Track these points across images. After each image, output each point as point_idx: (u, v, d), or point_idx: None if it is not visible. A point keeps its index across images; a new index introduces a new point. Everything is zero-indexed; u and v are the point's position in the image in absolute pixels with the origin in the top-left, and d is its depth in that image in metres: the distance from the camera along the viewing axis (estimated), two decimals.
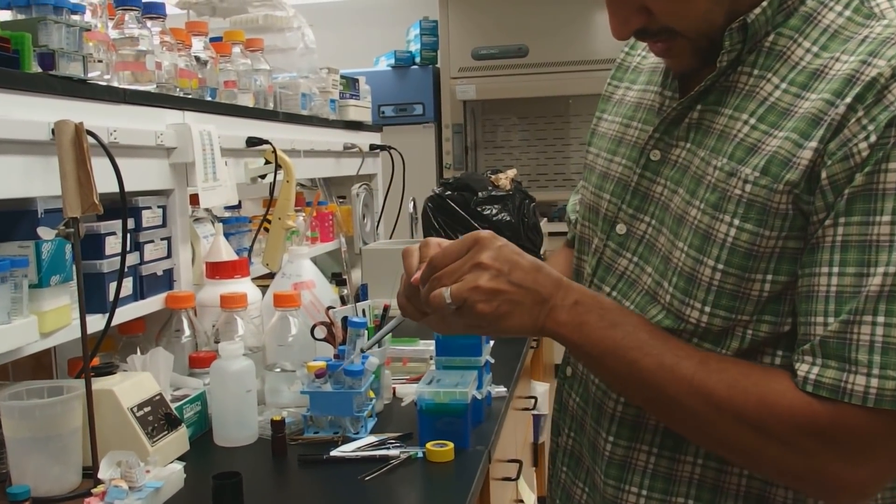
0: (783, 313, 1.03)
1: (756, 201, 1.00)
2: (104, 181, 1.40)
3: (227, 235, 2.14)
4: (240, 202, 2.52)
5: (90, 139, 1.38)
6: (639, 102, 1.25)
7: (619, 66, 1.38)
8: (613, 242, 1.21)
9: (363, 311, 1.80)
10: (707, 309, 1.05)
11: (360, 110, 3.07)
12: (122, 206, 1.42)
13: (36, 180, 1.37)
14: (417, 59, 5.22)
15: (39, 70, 1.40)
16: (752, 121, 1.04)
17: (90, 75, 1.52)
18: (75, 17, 1.46)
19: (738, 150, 1.04)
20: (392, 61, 5.18)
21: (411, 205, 3.21)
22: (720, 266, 1.03)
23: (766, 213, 1.00)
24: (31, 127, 1.34)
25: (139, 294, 1.70)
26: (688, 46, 1.09)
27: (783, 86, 1.04)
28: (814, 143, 0.97)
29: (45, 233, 1.28)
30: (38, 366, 1.82)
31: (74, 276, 1.47)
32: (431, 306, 1.06)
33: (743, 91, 1.07)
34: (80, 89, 1.48)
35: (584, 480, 1.28)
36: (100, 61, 1.56)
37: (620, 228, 1.20)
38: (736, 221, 1.02)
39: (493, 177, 3.18)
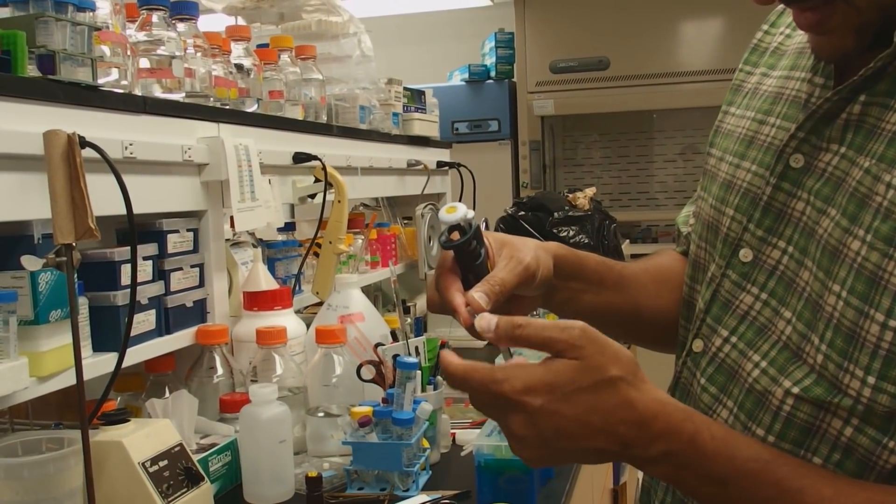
0: None
1: None
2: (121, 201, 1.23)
3: (274, 261, 1.96)
4: (294, 224, 2.34)
5: (93, 152, 1.19)
6: (779, 92, 1.00)
7: (755, 47, 1.11)
8: (735, 272, 0.97)
9: (417, 348, 1.59)
10: (871, 380, 0.79)
11: (426, 125, 2.87)
12: (129, 228, 1.23)
13: (31, 201, 1.19)
14: (493, 74, 5.03)
15: (38, 74, 1.22)
16: None
17: (102, 81, 1.33)
18: (83, 15, 1.28)
19: None
20: (466, 76, 5.00)
21: (483, 225, 3.00)
22: (892, 323, 0.77)
23: None
24: (25, 139, 1.15)
25: (164, 328, 1.52)
26: (851, 18, 0.83)
27: None
28: None
29: (31, 262, 1.10)
30: (66, 405, 1.64)
31: (80, 311, 1.30)
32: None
33: None
34: (89, 97, 1.30)
35: None
36: (116, 67, 1.38)
37: (745, 254, 0.96)
38: None
39: (570, 196, 2.99)
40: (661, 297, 1.18)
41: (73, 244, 1.10)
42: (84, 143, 1.17)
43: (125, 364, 1.32)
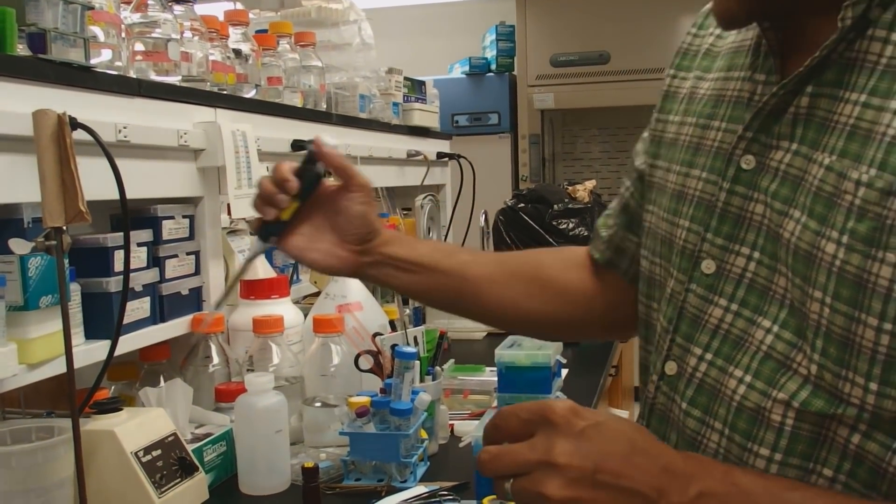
0: None
1: None
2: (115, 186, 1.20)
3: (272, 249, 1.92)
4: None
5: (85, 135, 1.16)
6: (719, 95, 0.96)
7: (686, 52, 1.07)
8: (699, 285, 0.91)
9: (415, 338, 1.56)
10: (873, 386, 0.75)
11: (426, 115, 2.84)
12: (122, 213, 1.20)
13: (21, 183, 1.15)
14: (493, 67, 5.00)
15: (28, 53, 1.19)
16: None
17: (94, 61, 1.30)
18: None
19: (891, 155, 0.74)
20: (466, 68, 4.97)
21: (482, 218, 2.98)
22: (887, 326, 0.74)
23: None
24: (14, 119, 1.12)
25: (159, 316, 1.49)
26: None
27: None
28: None
29: (19, 245, 1.07)
30: (59, 393, 1.61)
31: (72, 297, 1.27)
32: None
33: (879, 65, 0.78)
34: (81, 78, 1.27)
35: None
36: (109, 48, 1.34)
37: (707, 266, 0.90)
38: None
39: (570, 188, 2.96)
40: (511, 287, 1.19)
41: (64, 227, 1.07)
42: (75, 124, 1.14)
43: (118, 352, 1.30)
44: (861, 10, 0.78)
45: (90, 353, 1.31)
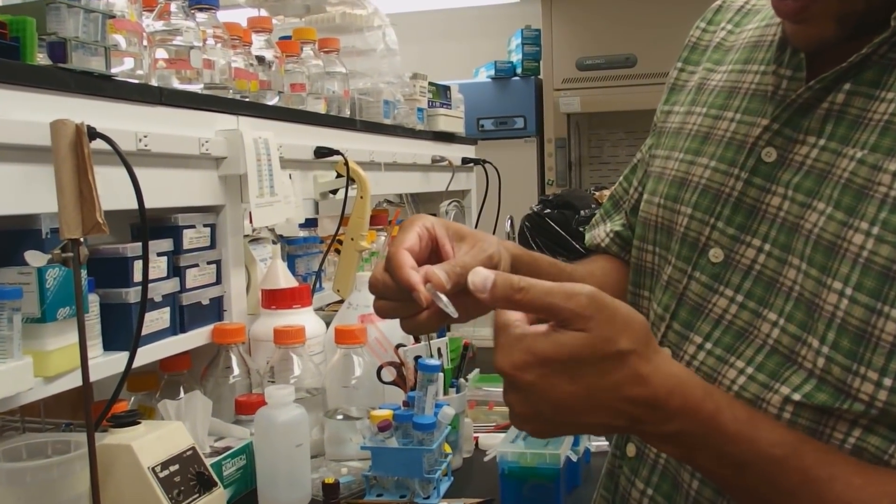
0: None
1: None
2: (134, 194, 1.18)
3: (294, 258, 1.92)
4: (316, 220, 2.29)
5: (105, 144, 1.14)
6: (733, 87, 0.96)
7: (694, 46, 1.10)
8: (704, 274, 0.91)
9: (439, 349, 1.53)
10: (887, 381, 0.74)
11: (451, 120, 2.81)
12: (141, 223, 1.18)
13: (39, 194, 1.14)
14: (519, 70, 4.96)
15: (48, 63, 1.17)
16: None
17: (116, 70, 1.28)
18: (96, 2, 1.23)
19: None
20: (492, 72, 4.94)
21: (508, 223, 2.95)
22: None
23: None
24: (33, 129, 1.10)
25: (179, 327, 1.47)
26: (832, 6, 0.80)
27: None
28: None
29: (35, 258, 1.05)
30: (80, 404, 1.59)
31: (90, 308, 1.25)
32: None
33: None
34: (101, 87, 1.25)
35: None
36: (131, 56, 1.33)
37: (715, 255, 0.90)
38: None
39: (597, 193, 2.93)
40: None
41: (81, 239, 1.05)
42: (94, 133, 1.13)
43: (138, 363, 1.28)
44: None
45: (109, 364, 1.29)
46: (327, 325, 1.70)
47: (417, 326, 0.84)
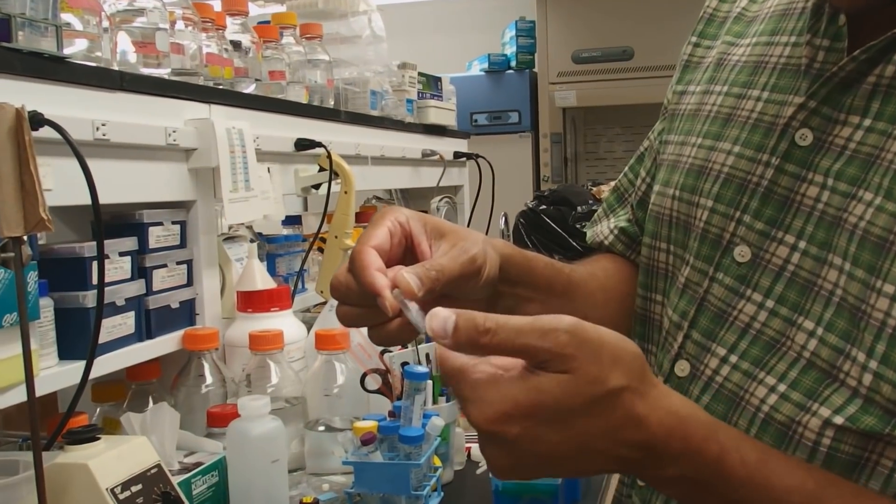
0: None
1: None
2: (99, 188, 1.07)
3: (275, 257, 1.81)
4: (300, 217, 2.19)
5: (52, 132, 1.03)
6: (758, 61, 0.86)
7: (710, 18, 0.98)
8: (728, 275, 0.81)
9: (427, 355, 1.43)
10: None
11: (442, 113, 2.71)
12: (95, 218, 1.07)
13: None
14: (513, 63, 4.89)
15: None
16: None
17: (68, 51, 1.17)
18: None
19: None
20: (486, 65, 4.85)
21: (502, 220, 2.85)
22: None
23: None
24: None
25: (145, 332, 1.36)
26: None
27: None
28: None
29: None
30: (45, 413, 1.49)
31: (42, 314, 1.14)
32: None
33: None
34: (53, 70, 1.14)
35: None
36: (87, 38, 1.22)
37: (741, 253, 0.80)
38: None
39: (594, 189, 2.86)
40: (608, 308, 1.00)
41: (23, 237, 0.94)
42: (41, 120, 1.02)
43: (98, 373, 1.18)
44: None
45: (65, 375, 1.19)
46: (310, 328, 1.59)
47: (386, 337, 0.72)
